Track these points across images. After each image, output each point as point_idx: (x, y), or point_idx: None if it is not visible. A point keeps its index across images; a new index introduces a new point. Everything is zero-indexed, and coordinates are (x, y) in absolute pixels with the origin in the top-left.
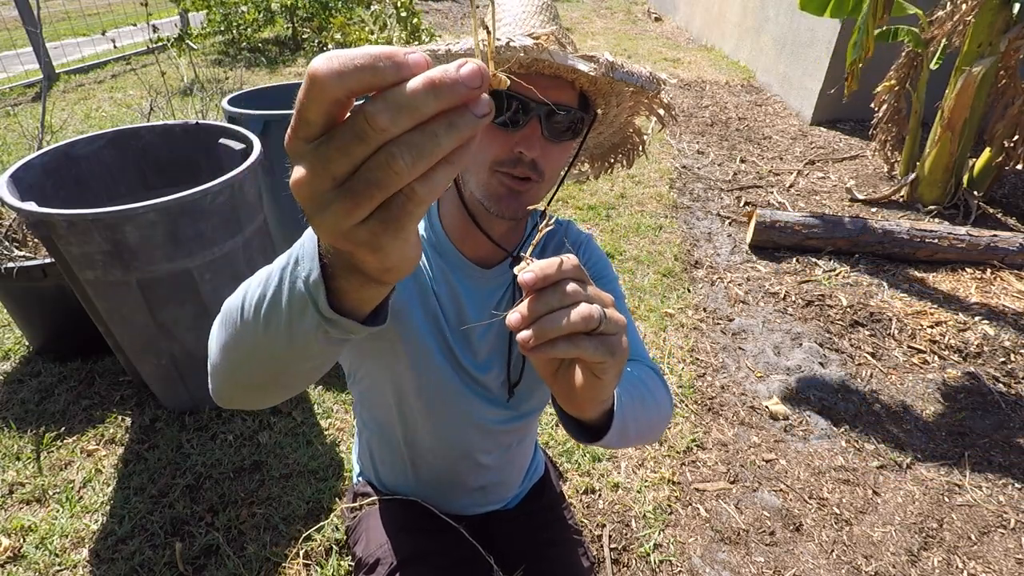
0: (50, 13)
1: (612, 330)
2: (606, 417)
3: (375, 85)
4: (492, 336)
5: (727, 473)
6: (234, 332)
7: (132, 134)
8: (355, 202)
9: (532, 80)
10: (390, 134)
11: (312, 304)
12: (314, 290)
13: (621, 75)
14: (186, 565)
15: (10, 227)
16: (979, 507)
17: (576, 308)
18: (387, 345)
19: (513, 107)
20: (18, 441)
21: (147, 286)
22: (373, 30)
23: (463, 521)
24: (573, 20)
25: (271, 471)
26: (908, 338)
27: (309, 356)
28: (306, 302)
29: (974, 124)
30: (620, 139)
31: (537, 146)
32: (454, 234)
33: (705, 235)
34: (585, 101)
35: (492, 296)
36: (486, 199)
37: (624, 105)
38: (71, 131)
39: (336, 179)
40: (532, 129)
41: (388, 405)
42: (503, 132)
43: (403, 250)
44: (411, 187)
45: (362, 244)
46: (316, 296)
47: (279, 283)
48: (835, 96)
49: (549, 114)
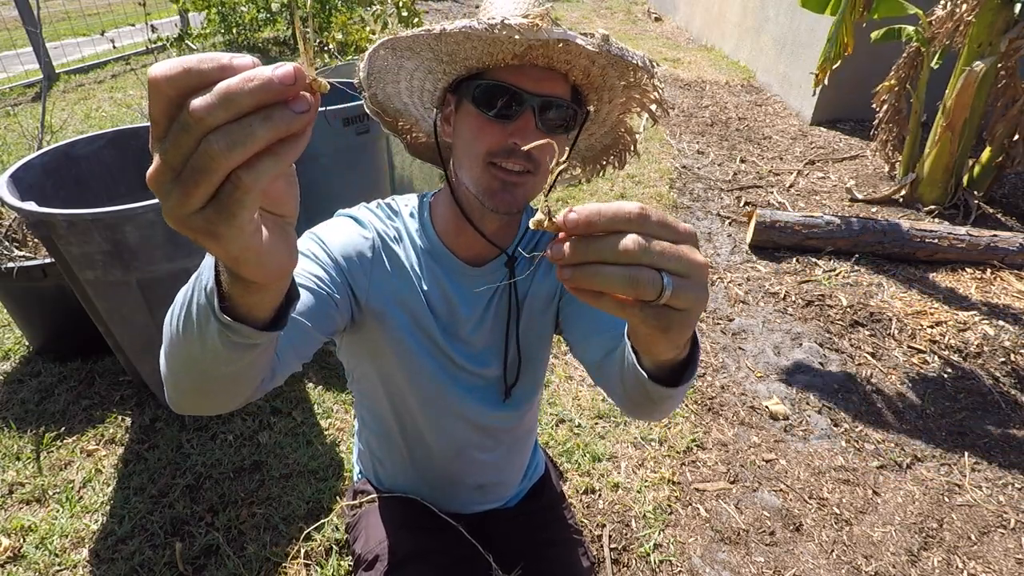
0: (50, 13)
1: (681, 304)
2: (680, 364)
3: (201, 84)
4: (486, 331)
5: (727, 473)
6: (167, 340)
7: (132, 134)
8: (185, 190)
9: (525, 72)
10: (207, 124)
11: (211, 311)
12: (210, 297)
13: (616, 49)
14: (186, 565)
15: (10, 227)
16: (979, 507)
17: (628, 271)
18: (374, 346)
19: (507, 98)
20: (18, 441)
21: (147, 286)
22: (375, 30)
23: (462, 519)
24: (573, 20)
25: (271, 471)
26: (908, 338)
27: (224, 361)
28: (208, 310)
29: (974, 124)
30: (612, 140)
31: (531, 137)
32: (446, 234)
33: (705, 235)
34: (578, 97)
35: (484, 294)
36: (481, 194)
37: (616, 101)
38: (71, 131)
39: (174, 170)
40: (526, 121)
41: (385, 404)
42: (497, 124)
43: (240, 239)
44: (236, 175)
45: (200, 231)
46: (212, 303)
47: (191, 292)
48: (835, 96)
49: (543, 107)
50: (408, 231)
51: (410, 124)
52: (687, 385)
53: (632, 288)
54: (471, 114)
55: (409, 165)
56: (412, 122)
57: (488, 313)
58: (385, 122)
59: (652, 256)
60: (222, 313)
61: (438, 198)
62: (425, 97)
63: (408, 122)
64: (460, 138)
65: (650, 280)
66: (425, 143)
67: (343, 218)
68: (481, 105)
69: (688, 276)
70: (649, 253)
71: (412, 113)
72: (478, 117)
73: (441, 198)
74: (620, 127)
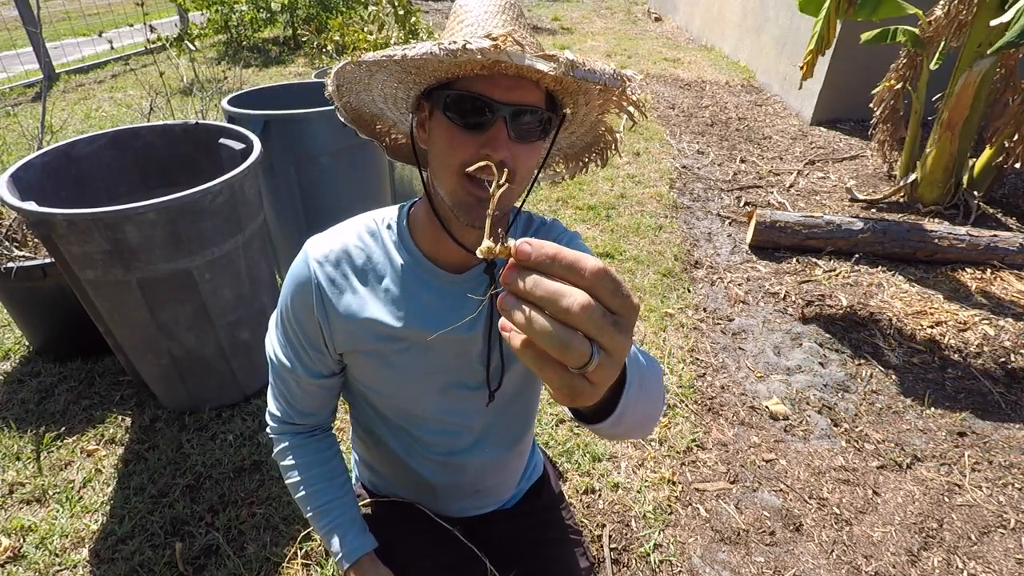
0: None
1: (597, 379)
2: (606, 401)
3: None
4: (469, 338)
5: (727, 473)
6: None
7: (132, 134)
8: None
9: (496, 80)
10: None
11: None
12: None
13: (582, 74)
14: (186, 565)
15: (10, 227)
16: (979, 507)
17: (564, 332)
18: (358, 371)
19: (477, 109)
20: (18, 441)
21: (147, 286)
22: (372, 31)
23: (461, 522)
24: (573, 20)
25: (271, 471)
26: (908, 338)
27: None
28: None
29: (974, 124)
30: (593, 138)
31: (503, 148)
32: (425, 243)
33: (705, 235)
34: (553, 100)
35: (466, 300)
36: (455, 207)
37: (593, 103)
38: (71, 131)
39: None
40: (498, 130)
41: (375, 417)
42: (469, 135)
43: None
44: None
45: None
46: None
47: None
48: (835, 96)
49: (514, 115)
50: (385, 247)
51: (388, 127)
52: (615, 419)
53: (560, 351)
54: (442, 124)
55: (410, 164)
56: (390, 124)
57: (470, 319)
58: (362, 128)
59: (592, 325)
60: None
61: (418, 206)
62: (400, 103)
63: (386, 125)
64: (434, 146)
65: (580, 350)
66: (405, 144)
67: (288, 277)
68: (451, 115)
69: (613, 354)
70: (592, 322)
71: (389, 117)
72: (449, 128)
73: (421, 207)
74: (600, 126)
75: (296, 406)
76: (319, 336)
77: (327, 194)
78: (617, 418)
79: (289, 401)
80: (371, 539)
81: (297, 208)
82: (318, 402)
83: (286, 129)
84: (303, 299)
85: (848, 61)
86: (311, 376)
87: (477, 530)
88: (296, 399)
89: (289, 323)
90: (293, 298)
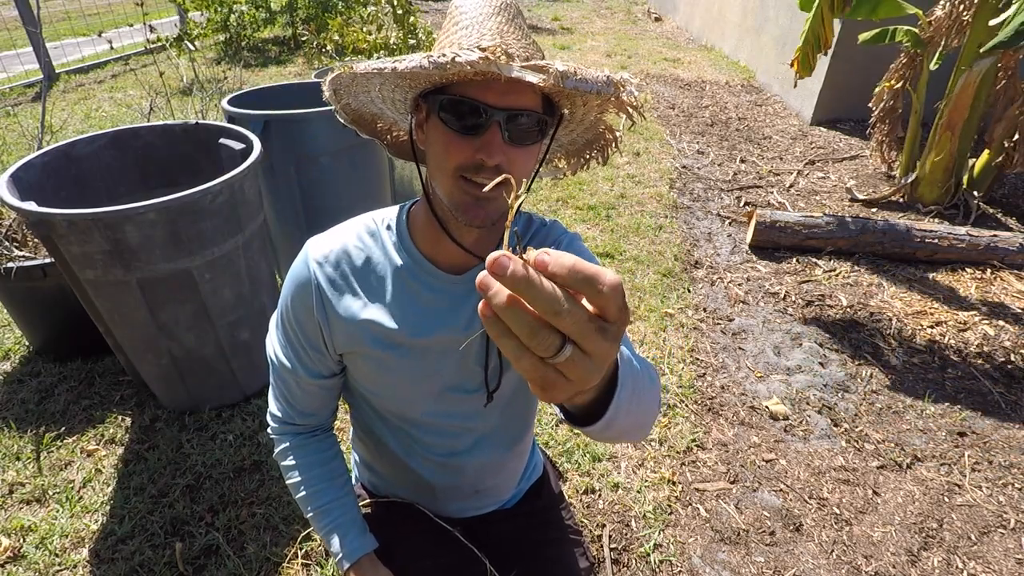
0: (50, 13)
1: (571, 375)
2: (597, 403)
3: None
4: (467, 338)
5: (727, 473)
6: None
7: (132, 134)
8: None
9: (490, 85)
10: None
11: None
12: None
13: (572, 84)
14: (186, 565)
15: (10, 227)
16: (979, 507)
17: (534, 323)
18: (357, 372)
19: (471, 113)
20: (18, 441)
21: (147, 286)
22: (371, 31)
23: (461, 523)
24: (573, 20)
25: (271, 471)
26: (908, 338)
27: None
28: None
29: (974, 124)
30: (593, 135)
31: (498, 152)
32: (425, 244)
33: (705, 235)
34: (550, 102)
35: (466, 301)
36: (453, 208)
37: (591, 104)
38: (71, 131)
39: None
40: (492, 135)
41: (375, 414)
42: (464, 139)
43: None
44: None
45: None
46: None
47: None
48: (835, 96)
49: (509, 119)
50: (385, 248)
51: (389, 125)
52: (605, 422)
53: (528, 336)
54: (438, 128)
55: (410, 164)
56: (391, 123)
57: (469, 320)
58: (363, 127)
59: (574, 329)
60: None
61: (418, 207)
62: (398, 105)
63: (387, 123)
64: (431, 148)
65: (548, 340)
66: (407, 141)
67: (288, 278)
68: (446, 119)
69: (594, 357)
70: (575, 326)
71: (388, 116)
72: (445, 131)
73: (421, 207)
74: (600, 125)
75: (297, 406)
76: (319, 337)
77: (327, 194)
78: (608, 421)
79: (290, 401)
80: (371, 539)
81: (297, 208)
82: (318, 402)
83: (286, 129)
84: (303, 300)
85: (848, 61)
86: (311, 376)
87: (477, 530)
88: (297, 399)
89: (289, 324)
90: (293, 299)
